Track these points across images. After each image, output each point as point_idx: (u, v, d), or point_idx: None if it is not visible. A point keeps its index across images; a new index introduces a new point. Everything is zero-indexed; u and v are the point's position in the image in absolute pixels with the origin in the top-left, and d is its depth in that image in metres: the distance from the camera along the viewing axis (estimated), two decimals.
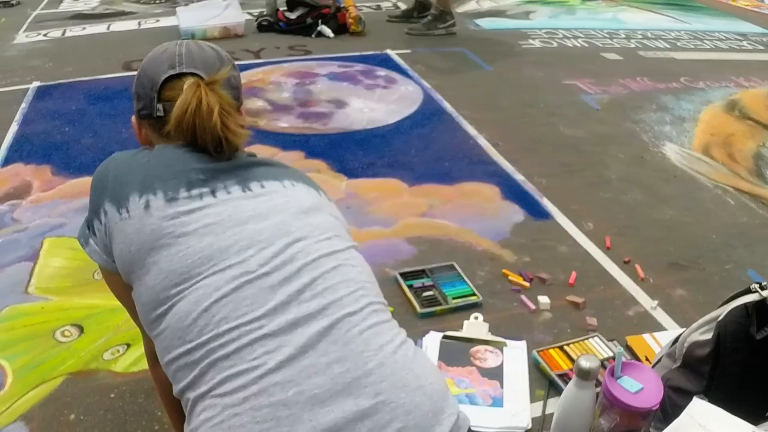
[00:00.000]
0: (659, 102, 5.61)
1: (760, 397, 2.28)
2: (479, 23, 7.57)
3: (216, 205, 1.71)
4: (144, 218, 1.67)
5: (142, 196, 1.69)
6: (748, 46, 7.45)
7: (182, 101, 1.75)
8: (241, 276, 1.62)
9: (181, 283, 1.62)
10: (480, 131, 4.80)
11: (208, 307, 1.59)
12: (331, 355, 1.56)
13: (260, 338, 1.56)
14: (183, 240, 1.65)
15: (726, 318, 2.24)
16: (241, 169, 1.81)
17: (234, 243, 1.66)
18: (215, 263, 1.63)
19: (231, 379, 1.53)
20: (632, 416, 2.10)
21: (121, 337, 2.83)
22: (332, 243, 1.77)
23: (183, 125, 1.75)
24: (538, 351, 2.79)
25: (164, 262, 1.64)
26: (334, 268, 1.71)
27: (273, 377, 1.52)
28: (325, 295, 1.64)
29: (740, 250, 3.67)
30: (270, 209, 1.75)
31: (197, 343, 1.58)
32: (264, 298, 1.60)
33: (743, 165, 4.64)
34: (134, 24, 7.21)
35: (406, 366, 1.63)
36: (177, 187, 1.71)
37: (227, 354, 1.55)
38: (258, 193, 1.78)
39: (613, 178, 4.33)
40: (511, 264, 3.39)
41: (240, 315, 1.58)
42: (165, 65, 1.86)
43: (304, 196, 1.85)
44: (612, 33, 7.49)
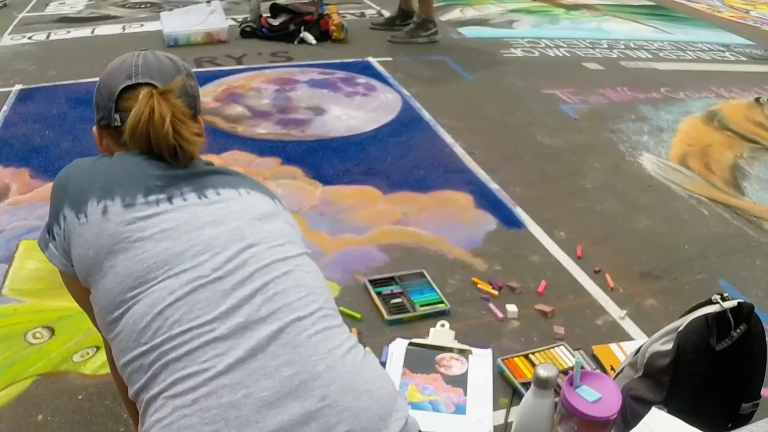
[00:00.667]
0: (638, 112, 5.62)
1: (720, 407, 2.29)
2: (462, 32, 7.57)
3: (172, 211, 1.74)
4: (102, 223, 1.69)
5: (100, 202, 1.71)
6: (730, 57, 7.46)
7: (136, 111, 1.78)
8: (195, 280, 1.64)
9: (136, 286, 1.64)
10: (457, 139, 4.81)
11: (162, 310, 1.61)
12: (280, 358, 1.58)
13: (211, 341, 1.57)
14: (139, 245, 1.67)
15: (686, 328, 2.25)
16: (197, 176, 1.84)
17: (189, 248, 1.68)
18: (170, 267, 1.65)
19: (182, 380, 1.55)
20: (590, 425, 2.09)
21: (91, 340, 2.83)
22: (285, 249, 1.79)
23: (137, 134, 1.78)
24: (503, 359, 2.80)
25: (121, 266, 1.66)
26: (286, 273, 1.73)
27: (222, 379, 1.53)
28: (275, 299, 1.66)
29: (713, 260, 3.68)
30: (225, 215, 1.78)
31: (151, 346, 1.59)
32: (216, 301, 1.62)
33: (720, 176, 4.65)
34: (119, 28, 7.21)
35: (354, 370, 1.65)
36: (135, 193, 1.73)
37: (179, 356, 1.56)
38: (214, 200, 1.80)
39: (589, 188, 4.33)
40: (483, 272, 3.40)
41: (192, 318, 1.60)
42: (122, 76, 1.88)
43: (260, 203, 1.88)
44: (594, 43, 7.49)
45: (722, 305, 2.26)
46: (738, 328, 2.26)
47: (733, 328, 2.26)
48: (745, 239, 3.91)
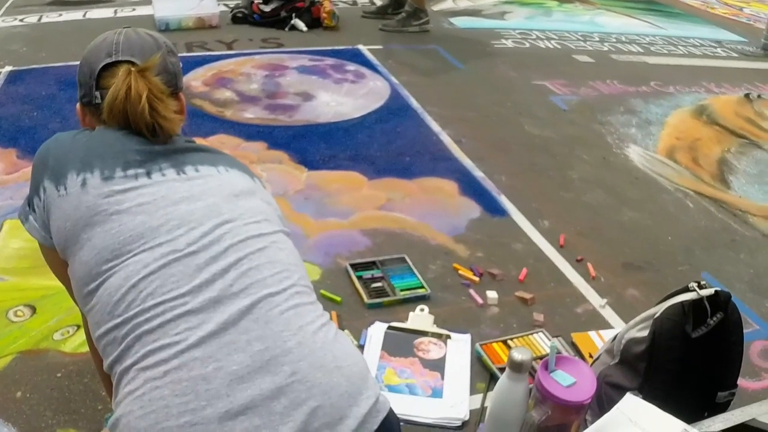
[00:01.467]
0: (628, 105, 5.63)
1: (696, 396, 2.29)
2: (454, 22, 7.56)
3: (150, 186, 1.75)
4: (80, 195, 1.71)
5: (79, 174, 1.73)
6: (722, 53, 7.46)
7: (113, 89, 1.80)
8: (169, 254, 1.65)
9: (112, 259, 1.65)
10: (444, 128, 4.80)
11: (136, 283, 1.62)
12: (252, 333, 1.59)
13: (184, 314, 1.58)
14: (116, 218, 1.68)
15: (662, 315, 2.25)
16: (177, 153, 1.86)
17: (165, 222, 1.70)
18: (146, 241, 1.66)
19: (154, 353, 1.56)
20: (564, 410, 2.10)
21: (72, 319, 2.83)
22: (261, 226, 1.80)
23: (114, 112, 1.81)
24: (481, 344, 2.80)
25: (97, 238, 1.67)
26: (260, 249, 1.74)
27: (194, 352, 1.54)
28: (249, 274, 1.67)
29: (697, 253, 3.68)
30: (203, 191, 1.79)
31: (124, 318, 1.60)
32: (190, 275, 1.63)
33: (707, 170, 4.65)
34: (110, 12, 7.17)
35: (325, 347, 1.66)
36: (114, 166, 1.75)
37: (152, 328, 1.57)
38: (192, 177, 1.82)
39: (575, 179, 4.34)
40: (464, 259, 3.40)
41: (166, 291, 1.61)
42: (103, 54, 1.90)
43: (237, 180, 1.89)
44: (586, 36, 7.49)
45: (699, 293, 2.26)
46: (714, 316, 2.26)
47: (709, 316, 2.25)
48: (729, 233, 3.91)
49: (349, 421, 1.59)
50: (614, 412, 1.95)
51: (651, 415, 1.93)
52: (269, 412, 1.52)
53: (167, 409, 1.50)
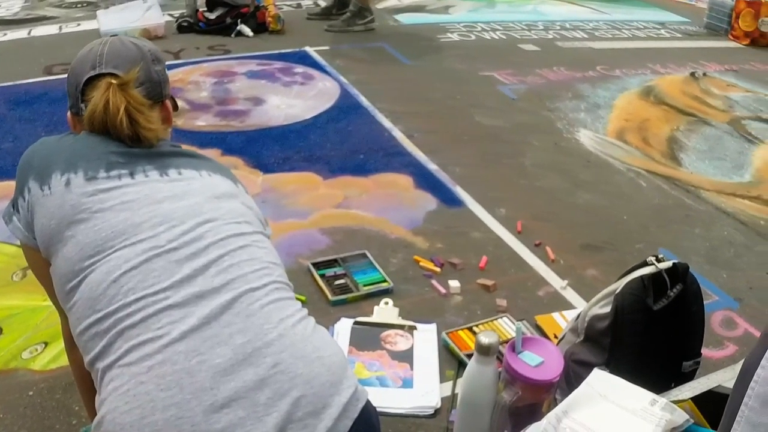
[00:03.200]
0: (575, 90, 5.68)
1: (662, 367, 2.32)
2: (399, 18, 7.58)
3: (134, 185, 1.78)
4: (64, 194, 1.73)
5: (64, 174, 1.75)
6: (666, 34, 7.55)
7: (92, 103, 1.83)
8: (150, 250, 1.67)
9: (94, 255, 1.67)
10: (396, 124, 4.82)
11: (118, 278, 1.63)
12: (234, 326, 1.61)
13: (166, 308, 1.60)
14: (99, 215, 1.71)
15: (623, 291, 2.28)
16: (160, 156, 1.88)
17: (148, 219, 1.72)
18: (127, 237, 1.69)
19: (137, 348, 1.57)
20: (534, 389, 2.12)
21: (40, 336, 2.82)
22: (241, 226, 1.83)
23: (95, 124, 1.83)
24: (448, 333, 2.83)
25: (81, 235, 1.70)
26: (241, 247, 1.77)
27: (177, 346, 1.56)
28: (230, 270, 1.70)
29: (653, 230, 3.73)
30: (185, 192, 1.82)
31: (106, 312, 1.62)
32: (171, 270, 1.66)
33: (657, 148, 4.71)
34: (56, 28, 7.10)
35: (305, 338, 1.68)
36: (97, 167, 1.77)
37: (134, 323, 1.59)
38: (175, 178, 1.84)
39: (529, 166, 4.38)
40: (424, 251, 3.42)
41: (147, 286, 1.63)
42: (87, 66, 1.92)
43: (220, 184, 1.91)
44: (530, 25, 7.54)
45: (657, 266, 2.29)
46: (674, 288, 2.30)
47: (669, 288, 2.30)
48: (683, 209, 3.97)
49: (331, 410, 1.61)
50: (583, 387, 1.97)
51: (620, 388, 1.94)
52: (253, 403, 1.54)
53: (152, 403, 1.51)
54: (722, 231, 3.78)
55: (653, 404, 1.86)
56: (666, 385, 2.20)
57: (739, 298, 3.23)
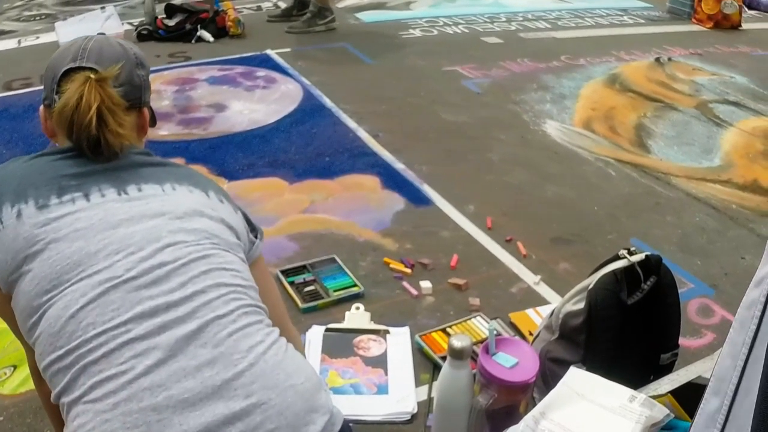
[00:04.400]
0: (540, 82, 5.66)
1: (639, 360, 2.31)
2: (360, 17, 7.52)
3: (88, 209, 1.69)
4: (17, 227, 1.66)
5: (14, 206, 1.68)
6: (629, 21, 7.56)
7: (66, 96, 1.74)
8: (107, 281, 1.60)
9: (51, 289, 1.61)
10: (360, 124, 4.77)
11: (75, 313, 1.57)
12: (201, 358, 1.55)
13: (128, 342, 1.54)
14: (53, 246, 1.63)
15: (596, 286, 2.26)
16: (120, 170, 1.80)
17: (103, 247, 1.65)
18: (83, 269, 1.61)
19: (100, 384, 1.51)
20: (510, 391, 2.10)
21: (8, 360, 2.76)
22: (205, 248, 1.74)
23: (62, 118, 1.75)
24: (421, 335, 2.80)
25: (36, 268, 1.63)
26: (205, 272, 1.69)
27: (142, 382, 1.50)
28: (193, 298, 1.63)
29: (624, 220, 3.72)
30: (143, 213, 1.73)
31: (67, 349, 1.56)
32: (130, 302, 1.58)
33: (625, 136, 4.70)
34: (14, 42, 7.03)
35: (277, 366, 1.63)
36: (48, 194, 1.70)
37: (96, 359, 1.53)
38: (133, 197, 1.75)
39: (495, 160, 4.35)
40: (393, 252, 3.39)
41: (107, 320, 1.56)
42: (68, 58, 1.84)
43: (183, 200, 1.81)
44: (493, 17, 7.50)
45: (630, 259, 2.28)
46: (648, 280, 2.28)
47: (642, 281, 2.28)
48: (653, 196, 3.95)
49: None
50: (560, 387, 1.95)
51: (597, 386, 1.93)
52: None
53: None
54: (694, 217, 3.77)
55: (632, 401, 1.85)
56: (644, 379, 2.19)
57: (715, 284, 3.22)
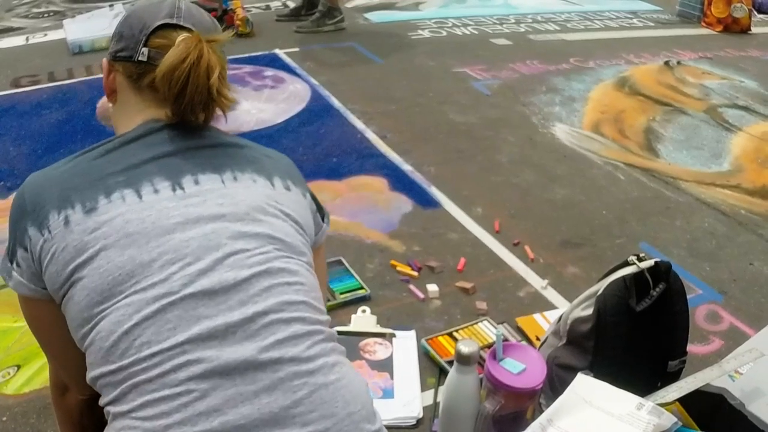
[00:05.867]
0: (549, 84, 5.65)
1: (647, 367, 2.29)
2: (369, 17, 7.52)
3: (139, 209, 1.57)
4: (66, 235, 1.54)
5: (60, 213, 1.56)
6: (638, 24, 7.55)
7: (180, 51, 1.61)
8: (163, 297, 1.50)
9: (102, 302, 1.51)
10: (368, 124, 4.78)
11: (129, 330, 1.48)
12: (260, 383, 1.48)
13: (184, 364, 1.46)
14: (104, 254, 1.52)
15: (604, 292, 2.24)
16: (176, 157, 1.67)
17: (157, 257, 1.53)
18: (137, 281, 1.51)
19: (153, 404, 1.44)
20: (517, 398, 2.08)
21: (12, 359, 2.74)
22: (267, 257, 1.62)
23: (174, 77, 1.62)
24: (427, 339, 2.78)
25: (87, 278, 1.52)
26: (267, 289, 1.58)
27: (198, 405, 1.43)
28: (255, 320, 1.52)
29: (632, 224, 3.69)
30: (200, 215, 1.60)
31: (119, 366, 1.48)
32: (187, 321, 1.49)
33: (634, 140, 4.68)
34: (22, 40, 7.02)
35: (336, 393, 1.55)
36: (95, 195, 1.57)
37: (150, 378, 1.45)
38: (189, 194, 1.62)
39: (504, 162, 4.33)
40: (401, 254, 3.37)
41: (162, 339, 1.47)
42: (162, 13, 1.74)
43: (245, 195, 1.67)
44: (502, 19, 7.50)
45: (639, 266, 2.26)
46: (657, 287, 2.26)
47: (652, 287, 2.26)
48: (663, 201, 3.93)
49: None
50: (568, 393, 1.94)
51: (604, 393, 1.92)
52: None
53: None
54: (703, 222, 3.75)
55: (640, 408, 1.84)
56: (652, 386, 2.18)
57: (723, 290, 3.20)
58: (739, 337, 2.88)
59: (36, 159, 4.15)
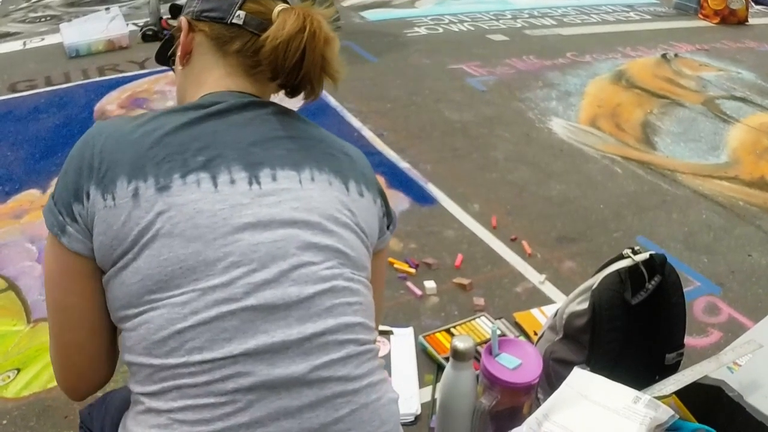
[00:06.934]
0: (545, 79, 5.65)
1: (644, 361, 2.28)
2: (365, 15, 7.52)
3: (213, 200, 1.46)
4: (132, 210, 1.43)
5: (131, 182, 1.44)
6: (635, 17, 7.57)
7: (295, 21, 1.54)
8: (223, 303, 1.42)
9: (156, 291, 1.43)
10: (365, 123, 4.78)
11: (183, 331, 1.41)
12: (304, 399, 1.45)
13: (233, 376, 1.41)
14: (167, 241, 1.42)
15: (599, 286, 2.23)
16: (257, 146, 1.55)
17: (223, 257, 1.44)
18: (197, 278, 1.43)
19: (195, 409, 1.41)
20: (513, 393, 2.08)
21: (11, 363, 2.74)
22: (333, 273, 1.53)
23: (290, 48, 1.53)
24: (425, 336, 2.78)
25: (143, 261, 1.43)
26: (328, 309, 1.50)
27: (240, 417, 1.40)
28: (312, 340, 1.47)
29: (629, 218, 3.69)
30: (272, 218, 1.50)
31: (164, 364, 1.42)
32: (244, 333, 1.43)
33: (631, 134, 4.68)
34: (19, 44, 7.02)
35: (375, 413, 1.52)
36: (170, 172, 1.46)
37: (196, 384, 1.41)
38: (265, 191, 1.51)
39: (500, 158, 4.33)
40: (398, 252, 3.37)
41: (216, 348, 1.42)
42: None
43: (319, 199, 1.57)
44: (498, 15, 7.52)
45: (634, 259, 2.25)
46: (652, 280, 2.25)
47: (647, 280, 2.25)
48: (660, 194, 3.93)
49: None
50: (563, 388, 1.93)
51: (600, 387, 1.91)
52: None
53: None
54: (700, 215, 3.75)
55: (636, 402, 1.83)
56: (650, 379, 2.16)
57: (721, 282, 3.20)
58: (737, 328, 2.88)
59: (33, 163, 4.14)
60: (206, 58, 1.67)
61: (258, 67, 1.62)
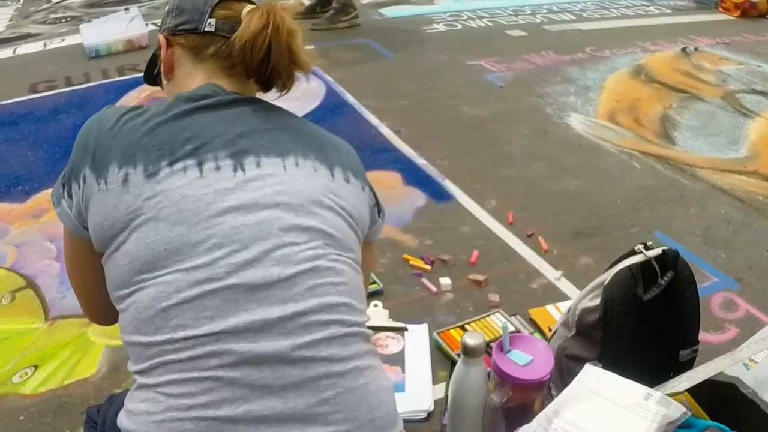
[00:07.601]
0: (564, 74, 5.64)
1: (658, 357, 2.27)
2: (383, 12, 7.52)
3: (198, 187, 1.53)
4: (121, 194, 1.53)
5: (121, 168, 1.54)
6: (654, 11, 7.54)
7: (257, 18, 1.64)
8: (206, 282, 1.48)
9: (144, 271, 1.51)
10: (382, 120, 4.78)
11: (167, 309, 1.47)
12: (288, 378, 1.47)
13: (216, 353, 1.45)
14: (153, 225, 1.51)
15: (611, 282, 2.22)
16: (244, 137, 1.63)
17: (206, 238, 1.50)
18: (181, 259, 1.49)
19: (180, 383, 1.45)
20: (524, 389, 2.07)
21: (29, 359, 2.76)
22: (316, 253, 1.58)
23: (255, 45, 1.63)
24: (439, 332, 2.77)
25: (132, 244, 1.52)
26: (310, 289, 1.55)
27: (223, 392, 1.44)
28: (293, 319, 1.50)
29: (646, 213, 3.67)
30: (255, 202, 1.56)
31: (151, 341, 1.48)
32: (226, 312, 1.47)
33: (650, 128, 4.66)
34: (40, 45, 7.03)
35: (363, 398, 1.54)
36: (159, 159, 1.54)
37: (180, 359, 1.45)
38: (250, 177, 1.58)
39: (517, 154, 4.32)
40: (413, 248, 3.37)
41: (199, 326, 1.46)
42: None
43: (304, 184, 1.63)
44: (517, 10, 7.50)
45: (646, 254, 2.23)
46: (665, 275, 2.23)
47: (660, 276, 2.23)
48: (678, 189, 3.91)
49: None
50: (574, 385, 1.92)
51: (612, 384, 1.89)
52: None
53: None
54: (719, 209, 3.73)
55: (647, 399, 1.81)
56: (664, 376, 2.15)
57: (739, 278, 3.18)
58: (755, 325, 2.86)
59: (53, 163, 4.15)
60: (187, 67, 1.79)
61: (234, 68, 1.74)
